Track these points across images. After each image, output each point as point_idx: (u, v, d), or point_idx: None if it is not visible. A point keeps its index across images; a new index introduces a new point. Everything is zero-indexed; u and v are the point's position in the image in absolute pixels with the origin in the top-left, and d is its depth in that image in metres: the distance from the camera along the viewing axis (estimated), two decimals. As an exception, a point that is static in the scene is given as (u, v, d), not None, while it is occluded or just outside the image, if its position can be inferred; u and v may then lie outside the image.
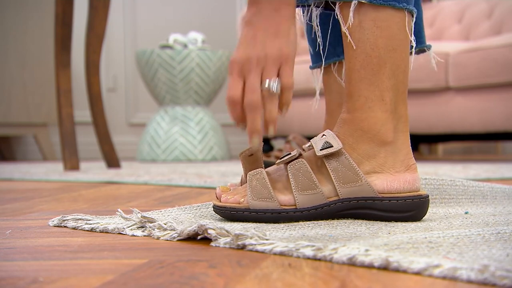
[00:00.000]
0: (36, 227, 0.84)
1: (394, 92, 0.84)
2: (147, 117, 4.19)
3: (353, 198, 0.83)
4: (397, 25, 0.83)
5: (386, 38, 0.83)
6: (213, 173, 2.07)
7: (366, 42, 0.83)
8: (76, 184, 1.71)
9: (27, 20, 3.65)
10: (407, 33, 0.84)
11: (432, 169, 2.14)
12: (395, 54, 0.84)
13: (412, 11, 0.84)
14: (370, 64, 0.83)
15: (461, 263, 0.52)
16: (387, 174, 0.83)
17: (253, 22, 0.81)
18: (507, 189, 1.07)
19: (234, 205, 0.83)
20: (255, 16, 0.81)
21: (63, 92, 2.35)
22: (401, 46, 0.84)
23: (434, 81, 2.98)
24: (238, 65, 0.80)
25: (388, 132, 0.84)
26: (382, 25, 0.83)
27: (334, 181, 0.82)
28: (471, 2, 3.55)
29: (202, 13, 4.45)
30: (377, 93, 0.84)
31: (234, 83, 0.81)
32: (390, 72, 0.84)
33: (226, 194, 0.85)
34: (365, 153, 0.84)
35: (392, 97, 0.84)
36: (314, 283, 0.50)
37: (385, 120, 0.84)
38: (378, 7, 0.82)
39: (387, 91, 0.84)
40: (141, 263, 0.58)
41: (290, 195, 0.82)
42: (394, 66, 0.84)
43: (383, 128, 0.84)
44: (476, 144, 4.75)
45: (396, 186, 0.83)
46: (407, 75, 0.86)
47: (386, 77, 0.83)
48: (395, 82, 0.84)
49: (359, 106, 0.84)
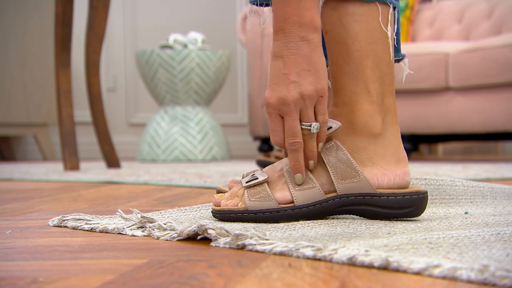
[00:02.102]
0: (36, 227, 0.84)
1: (380, 84, 0.85)
2: (147, 117, 4.19)
3: (351, 194, 0.83)
4: (376, 19, 0.84)
5: (366, 32, 0.84)
6: (213, 173, 2.07)
7: (346, 37, 0.84)
8: (76, 184, 1.70)
9: (27, 20, 3.65)
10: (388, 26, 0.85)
11: (432, 169, 2.14)
12: (376, 46, 0.84)
13: (385, 2, 0.85)
14: (352, 58, 0.84)
15: (461, 263, 0.52)
16: (378, 167, 0.84)
17: (282, 55, 0.79)
18: (507, 189, 1.07)
19: (232, 208, 0.83)
20: (283, 47, 0.79)
21: (63, 92, 2.35)
22: (382, 39, 0.85)
23: (434, 81, 2.98)
24: (275, 108, 0.80)
25: (376, 124, 0.85)
26: (361, 19, 0.84)
27: (332, 177, 0.83)
28: (471, 2, 3.55)
29: (202, 13, 4.45)
30: (361, 86, 0.84)
31: (275, 127, 0.81)
32: (373, 65, 0.85)
33: (224, 199, 0.85)
34: (354, 145, 0.84)
35: (377, 89, 0.85)
36: (314, 283, 0.50)
37: (372, 112, 0.85)
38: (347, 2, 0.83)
39: (372, 83, 0.85)
40: (141, 263, 0.58)
41: (287, 192, 0.83)
42: (377, 59, 0.85)
43: (371, 120, 0.85)
44: (476, 144, 4.75)
45: (387, 181, 0.84)
46: (392, 68, 0.87)
47: (369, 70, 0.84)
48: (379, 74, 0.85)
49: (346, 100, 0.85)
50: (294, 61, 0.78)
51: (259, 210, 0.82)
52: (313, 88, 0.79)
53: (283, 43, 0.79)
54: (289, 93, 0.78)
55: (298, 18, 0.78)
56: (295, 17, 0.78)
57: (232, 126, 4.54)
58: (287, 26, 0.78)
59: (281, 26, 0.79)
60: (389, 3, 0.85)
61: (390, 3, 0.86)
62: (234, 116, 4.59)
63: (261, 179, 0.84)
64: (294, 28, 0.78)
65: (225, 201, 0.85)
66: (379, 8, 0.84)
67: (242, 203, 0.83)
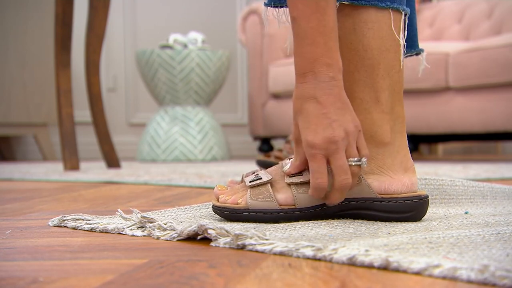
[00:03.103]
0: (36, 227, 0.84)
1: (390, 92, 0.85)
2: (147, 117, 4.19)
3: (352, 199, 0.83)
4: (389, 26, 0.84)
5: (378, 39, 0.83)
6: (213, 173, 2.07)
7: (359, 44, 0.84)
8: (76, 184, 1.70)
9: (27, 20, 3.65)
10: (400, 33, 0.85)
11: (432, 169, 2.14)
12: (388, 54, 0.84)
13: (399, 9, 0.84)
14: (363, 66, 0.84)
15: (461, 263, 0.52)
16: (386, 176, 0.84)
17: (316, 96, 0.78)
18: (507, 189, 1.07)
19: (232, 206, 0.83)
20: (316, 88, 0.78)
21: (63, 92, 2.35)
22: (393, 46, 0.84)
23: (434, 81, 2.98)
24: (321, 149, 0.78)
25: (385, 133, 0.84)
26: (374, 26, 0.83)
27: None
28: (471, 2, 3.55)
29: (202, 13, 4.45)
30: (372, 95, 0.84)
31: (320, 169, 0.79)
32: (384, 73, 0.84)
33: (224, 195, 0.85)
34: None
35: (387, 97, 0.85)
36: (314, 283, 0.50)
37: (382, 121, 0.84)
38: (360, 8, 0.83)
39: (382, 92, 0.84)
40: (141, 263, 0.58)
41: (289, 193, 0.83)
42: (388, 67, 0.84)
43: (380, 129, 0.84)
44: (476, 144, 4.75)
45: (394, 189, 0.83)
46: (402, 75, 0.86)
47: (380, 78, 0.84)
48: (390, 83, 0.85)
49: (355, 107, 0.84)
50: (329, 101, 0.78)
51: (260, 210, 0.82)
52: (353, 125, 0.79)
53: (313, 84, 0.78)
54: (335, 131, 0.77)
55: (327, 59, 0.78)
56: (324, 58, 0.78)
57: (232, 126, 4.54)
58: (317, 67, 0.78)
59: (310, 68, 0.78)
60: (401, 10, 0.85)
61: (403, 10, 0.85)
62: (234, 116, 4.59)
63: (265, 179, 0.83)
64: (323, 69, 0.78)
65: (224, 196, 0.85)
66: (392, 15, 0.84)
67: (243, 201, 0.83)
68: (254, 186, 0.84)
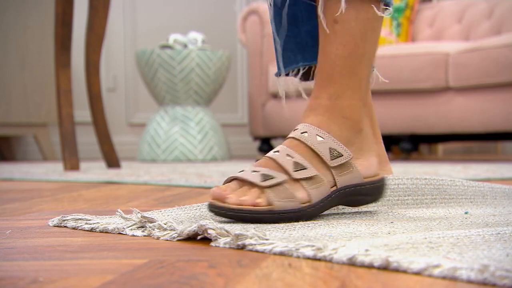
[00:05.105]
0: (36, 227, 0.84)
1: (367, 81, 0.90)
2: (147, 117, 4.19)
3: (347, 186, 0.85)
4: (382, 20, 0.88)
5: (372, 31, 0.87)
6: (213, 173, 2.07)
7: (357, 32, 0.86)
8: (76, 184, 1.71)
9: (27, 20, 3.65)
10: None
11: (432, 169, 2.14)
12: (374, 46, 0.89)
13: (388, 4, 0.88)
14: (356, 54, 0.86)
15: (461, 263, 0.52)
16: (363, 159, 0.88)
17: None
18: (507, 189, 1.07)
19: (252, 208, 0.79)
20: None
21: (63, 92, 2.35)
22: (378, 39, 0.90)
23: (434, 81, 2.98)
24: None
25: (362, 119, 0.88)
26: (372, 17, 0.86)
27: (333, 172, 0.84)
28: (471, 2, 3.55)
29: (202, 13, 4.45)
30: (356, 82, 0.87)
31: None
32: (367, 62, 0.88)
33: (233, 195, 0.80)
34: (347, 140, 0.86)
35: (365, 86, 0.89)
36: (314, 283, 0.50)
37: (360, 108, 0.88)
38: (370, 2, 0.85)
39: (364, 80, 0.88)
40: (141, 263, 0.58)
41: (302, 190, 0.82)
42: (372, 58, 0.89)
43: (358, 115, 0.88)
44: (476, 144, 4.75)
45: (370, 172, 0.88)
46: None
47: (365, 67, 0.88)
48: (368, 72, 0.89)
49: (340, 93, 0.86)
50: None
51: (284, 210, 0.81)
52: None
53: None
54: None
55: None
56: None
57: (232, 126, 4.54)
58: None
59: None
60: (391, 5, 0.88)
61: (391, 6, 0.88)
62: (234, 116, 4.59)
63: (281, 179, 0.81)
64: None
65: (236, 196, 0.80)
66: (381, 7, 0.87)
67: (265, 203, 0.80)
68: (272, 186, 0.81)
